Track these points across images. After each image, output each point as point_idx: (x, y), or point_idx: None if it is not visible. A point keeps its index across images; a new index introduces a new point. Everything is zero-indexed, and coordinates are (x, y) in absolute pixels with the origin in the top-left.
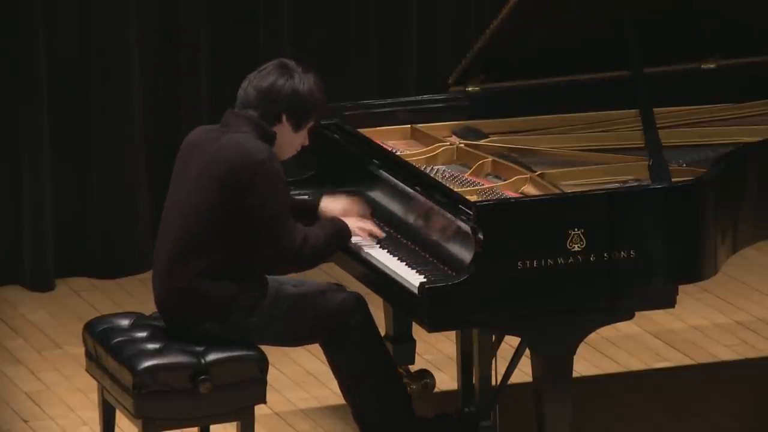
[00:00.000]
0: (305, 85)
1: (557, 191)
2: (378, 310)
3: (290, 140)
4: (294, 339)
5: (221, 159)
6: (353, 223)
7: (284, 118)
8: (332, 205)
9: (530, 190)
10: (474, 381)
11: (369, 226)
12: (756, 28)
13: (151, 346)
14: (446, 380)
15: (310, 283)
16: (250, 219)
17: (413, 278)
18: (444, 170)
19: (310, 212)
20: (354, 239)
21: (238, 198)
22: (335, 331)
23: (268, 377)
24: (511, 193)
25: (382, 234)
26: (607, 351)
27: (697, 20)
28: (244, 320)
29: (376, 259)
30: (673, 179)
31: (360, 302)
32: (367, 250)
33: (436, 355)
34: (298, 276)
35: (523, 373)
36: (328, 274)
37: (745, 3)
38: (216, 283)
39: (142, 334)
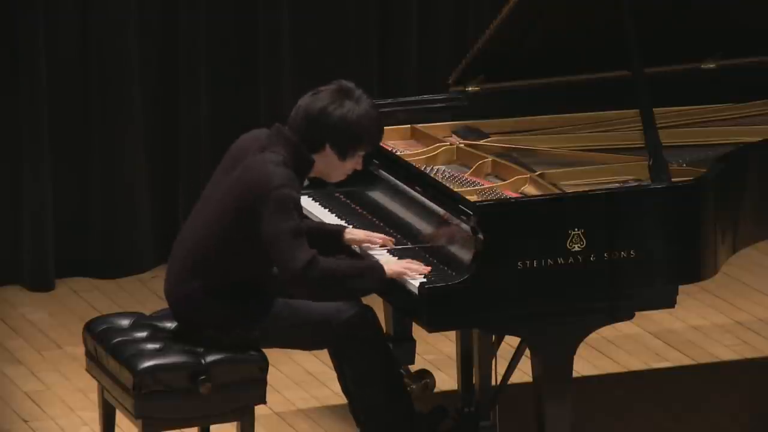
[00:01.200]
0: (353, 114)
1: (557, 191)
2: (378, 310)
3: (336, 167)
4: (300, 347)
5: (242, 180)
6: (399, 266)
7: (327, 146)
8: (354, 232)
9: (530, 190)
10: (474, 381)
11: (413, 266)
12: (756, 28)
13: (151, 346)
14: (446, 380)
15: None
16: (259, 241)
17: (413, 278)
18: (444, 170)
19: (328, 238)
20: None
21: (249, 220)
22: (342, 344)
23: (268, 377)
24: (511, 193)
25: (427, 269)
26: (607, 351)
27: (697, 20)
28: (246, 333)
29: (376, 259)
30: (673, 179)
31: (368, 316)
32: (369, 251)
33: (436, 355)
34: None
35: (523, 373)
36: None
37: (745, 3)
38: (221, 298)
39: (142, 334)
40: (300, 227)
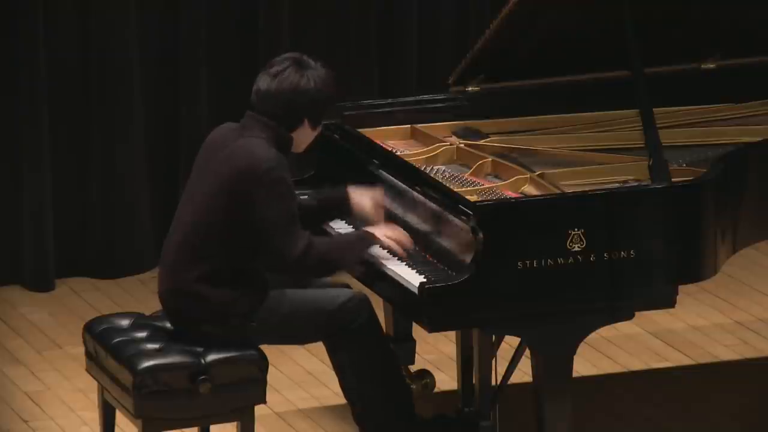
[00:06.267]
0: (322, 83)
1: (557, 191)
2: (378, 310)
3: (307, 136)
4: (296, 339)
5: (230, 165)
6: (382, 231)
7: (306, 120)
8: (359, 199)
9: (530, 190)
10: (474, 381)
11: (398, 235)
12: (756, 28)
13: (151, 346)
14: (446, 380)
15: (313, 284)
16: (252, 226)
17: (413, 278)
18: (444, 170)
19: (340, 206)
20: (382, 250)
21: (241, 204)
22: (339, 332)
23: (268, 377)
24: (511, 193)
25: (410, 244)
26: (607, 351)
27: (697, 20)
28: (243, 324)
29: (376, 258)
30: (673, 179)
31: (364, 303)
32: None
33: (436, 355)
34: None
35: (523, 373)
36: None
37: (745, 3)
38: (216, 288)
39: (142, 334)
40: (294, 211)
